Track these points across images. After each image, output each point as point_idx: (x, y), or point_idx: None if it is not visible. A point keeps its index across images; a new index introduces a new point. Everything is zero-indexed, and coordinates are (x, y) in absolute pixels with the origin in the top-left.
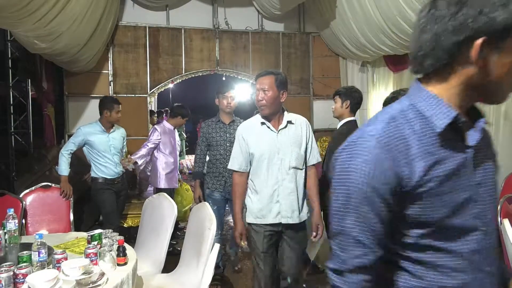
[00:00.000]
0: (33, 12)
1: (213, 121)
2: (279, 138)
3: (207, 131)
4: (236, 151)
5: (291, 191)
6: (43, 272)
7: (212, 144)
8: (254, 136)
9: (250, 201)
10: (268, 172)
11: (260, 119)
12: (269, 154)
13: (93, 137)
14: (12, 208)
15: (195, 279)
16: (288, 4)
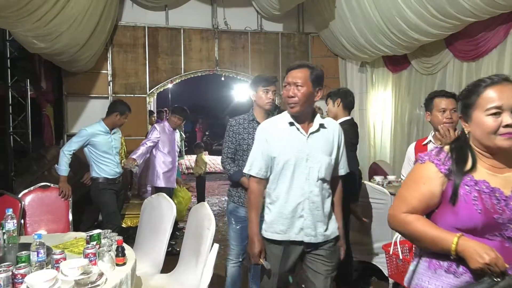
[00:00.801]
0: (33, 12)
1: (245, 119)
2: (309, 143)
3: (237, 131)
4: (255, 153)
5: (318, 206)
6: (41, 272)
7: (241, 149)
8: (280, 137)
9: (269, 213)
10: (293, 181)
11: (288, 119)
12: (296, 161)
13: (97, 137)
14: (11, 208)
15: (194, 279)
16: (287, 4)
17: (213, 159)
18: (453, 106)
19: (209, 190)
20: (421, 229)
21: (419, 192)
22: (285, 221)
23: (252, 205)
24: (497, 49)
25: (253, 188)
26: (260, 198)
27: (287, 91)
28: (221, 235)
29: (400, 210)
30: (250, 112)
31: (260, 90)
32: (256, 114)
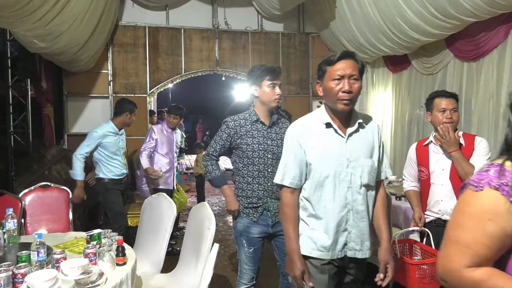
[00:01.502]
0: (33, 12)
1: (247, 119)
2: (349, 146)
3: (235, 133)
4: (287, 161)
5: (363, 216)
6: (42, 272)
7: (245, 155)
8: (316, 141)
9: (307, 227)
10: (335, 191)
11: (324, 118)
12: (336, 167)
13: (107, 138)
14: (11, 207)
15: (194, 279)
16: (287, 4)
17: None
18: (454, 106)
19: (209, 190)
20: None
21: (485, 233)
22: (329, 237)
23: (289, 218)
24: (498, 49)
25: (288, 200)
26: (297, 209)
27: (342, 85)
28: (221, 235)
29: (461, 263)
30: (251, 111)
31: (266, 84)
32: (259, 113)
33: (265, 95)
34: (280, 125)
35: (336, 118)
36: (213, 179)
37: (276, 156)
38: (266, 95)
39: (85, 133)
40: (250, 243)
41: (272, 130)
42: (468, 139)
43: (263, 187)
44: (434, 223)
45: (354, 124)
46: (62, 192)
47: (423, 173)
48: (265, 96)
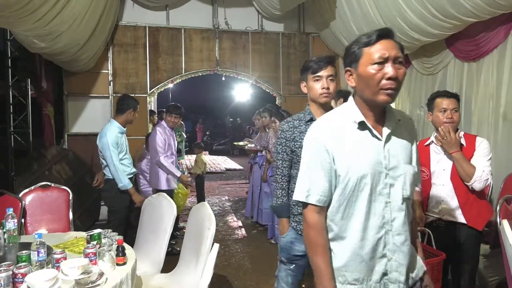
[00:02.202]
0: (33, 12)
1: (301, 120)
2: (387, 150)
3: (292, 137)
4: (312, 172)
5: (406, 238)
6: (42, 272)
7: (299, 159)
8: (348, 145)
9: (333, 254)
10: (370, 207)
11: (355, 116)
12: (373, 178)
13: (120, 139)
14: (11, 207)
15: (194, 279)
16: (288, 4)
17: (214, 159)
18: (454, 106)
19: (209, 190)
20: None
21: None
22: (362, 265)
23: (318, 246)
24: (498, 49)
25: (314, 221)
26: (326, 234)
27: (386, 69)
28: (221, 235)
29: None
30: (306, 110)
31: (310, 78)
32: (314, 112)
33: (310, 91)
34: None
35: (370, 115)
36: (277, 207)
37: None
38: (311, 91)
39: (85, 133)
40: (290, 260)
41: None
42: (469, 140)
43: None
44: (435, 223)
45: (391, 122)
46: (62, 192)
47: (424, 173)
48: (310, 92)
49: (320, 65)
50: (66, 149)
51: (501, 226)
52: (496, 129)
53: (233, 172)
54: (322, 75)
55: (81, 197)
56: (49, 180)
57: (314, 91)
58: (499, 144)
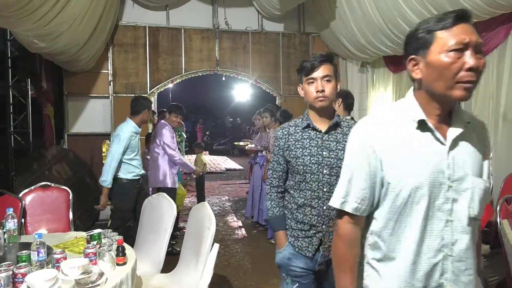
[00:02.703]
0: (33, 12)
1: (297, 125)
2: (452, 157)
3: (286, 146)
4: (353, 175)
5: (468, 267)
6: (42, 272)
7: (295, 171)
8: (401, 148)
9: (376, 277)
10: (427, 225)
11: (415, 114)
12: (432, 190)
13: (132, 139)
14: (11, 207)
15: (194, 279)
16: (288, 4)
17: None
18: None
19: (209, 190)
20: None
21: None
22: None
23: (345, 262)
24: (498, 49)
25: (346, 232)
26: (358, 249)
27: (465, 58)
28: (221, 235)
29: None
30: (304, 115)
31: (304, 81)
32: (312, 117)
33: (306, 94)
34: (343, 130)
35: (434, 114)
36: (269, 220)
37: (335, 171)
38: (306, 95)
39: (85, 133)
40: (295, 278)
41: (330, 137)
42: None
43: (317, 211)
44: None
45: (458, 124)
46: (62, 192)
47: None
48: (306, 96)
49: (314, 65)
50: (66, 149)
51: (501, 226)
52: (496, 129)
53: (233, 172)
54: (316, 77)
55: (81, 197)
56: (49, 180)
57: (309, 94)
58: (499, 144)
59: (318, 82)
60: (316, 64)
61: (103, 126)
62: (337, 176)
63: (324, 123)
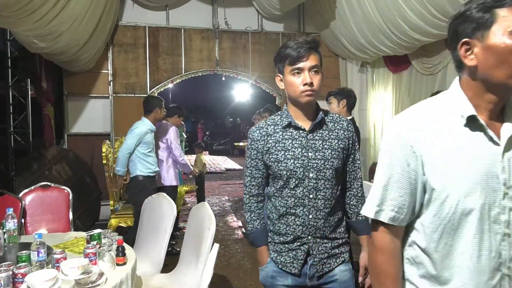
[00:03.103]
0: (33, 12)
1: (276, 124)
2: (507, 160)
3: (264, 148)
4: (389, 180)
5: None
6: (42, 272)
7: (277, 176)
8: (447, 148)
9: None
10: (481, 239)
11: (464, 109)
12: (486, 198)
13: (147, 135)
14: (11, 207)
15: (194, 279)
16: (288, 4)
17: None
18: None
19: (209, 190)
20: None
21: None
22: None
23: (386, 276)
24: None
25: (384, 244)
26: (400, 263)
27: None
28: (221, 235)
29: None
30: (284, 112)
31: (287, 71)
32: (293, 114)
33: (289, 87)
34: (329, 126)
35: (486, 108)
36: (249, 234)
37: (322, 174)
38: (290, 88)
39: (85, 133)
40: None
41: (315, 136)
42: None
43: (301, 220)
44: None
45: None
46: (62, 192)
47: None
48: (289, 89)
49: (301, 53)
50: (66, 149)
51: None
52: None
53: (233, 172)
54: (303, 67)
55: (81, 197)
56: (49, 180)
57: (293, 88)
58: None
59: (306, 73)
60: (303, 52)
61: (103, 126)
62: (324, 179)
63: (307, 120)
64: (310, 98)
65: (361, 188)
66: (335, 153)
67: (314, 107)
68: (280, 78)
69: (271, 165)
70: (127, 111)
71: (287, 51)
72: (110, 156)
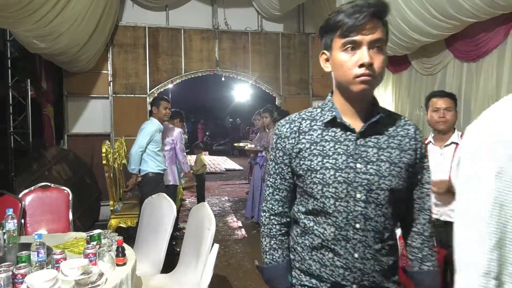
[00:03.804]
0: (33, 12)
1: (314, 118)
2: None
3: (293, 149)
4: (504, 230)
5: None
6: (42, 272)
7: (309, 192)
8: None
9: None
10: None
11: None
12: None
13: (157, 134)
14: (11, 208)
15: (194, 279)
16: (287, 4)
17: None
18: (448, 105)
19: (209, 190)
20: None
21: None
22: None
23: None
24: (497, 49)
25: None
26: None
27: None
28: (221, 235)
29: None
30: (328, 103)
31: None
32: (340, 107)
33: (337, 68)
34: (389, 130)
35: None
36: (265, 270)
37: (375, 196)
38: (338, 69)
39: (85, 133)
40: None
41: (368, 142)
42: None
43: (343, 261)
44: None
45: None
46: (62, 192)
47: None
48: (337, 70)
49: (359, 20)
50: (66, 149)
51: None
52: None
53: (233, 173)
54: (360, 40)
55: (81, 197)
56: (49, 180)
57: (343, 69)
58: None
59: (364, 50)
60: (362, 20)
61: (103, 127)
62: (376, 203)
63: (358, 118)
64: (366, 87)
65: (429, 224)
66: (394, 169)
67: (370, 101)
68: (325, 56)
69: (301, 174)
70: (127, 112)
71: (339, 18)
72: (110, 157)
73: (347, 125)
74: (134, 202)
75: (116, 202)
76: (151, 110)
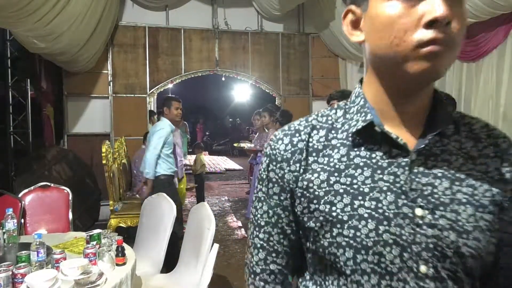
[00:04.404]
0: (33, 12)
1: (333, 125)
2: None
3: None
4: None
5: None
6: (42, 272)
7: (325, 256)
8: None
9: None
10: None
11: None
12: None
13: (170, 135)
14: (11, 207)
15: (194, 279)
16: (287, 4)
17: (213, 159)
18: None
19: (209, 190)
20: None
21: None
22: None
23: None
24: (497, 49)
25: None
26: None
27: None
28: (221, 235)
29: None
30: (357, 97)
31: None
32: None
33: (380, 30)
34: (466, 146)
35: None
36: None
37: (453, 267)
38: (383, 32)
39: (85, 133)
40: None
41: (433, 169)
42: None
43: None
44: None
45: None
46: (62, 192)
47: None
48: (379, 35)
49: None
50: (66, 149)
51: None
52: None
53: (233, 173)
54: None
55: (81, 197)
56: (49, 180)
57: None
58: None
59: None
60: None
61: (103, 127)
62: (454, 280)
63: (413, 125)
64: (437, 64)
65: None
66: (483, 216)
67: (430, 96)
68: (353, 16)
69: (312, 227)
70: (127, 111)
71: None
72: (110, 156)
73: (394, 139)
74: (134, 202)
75: (116, 202)
76: (162, 110)
